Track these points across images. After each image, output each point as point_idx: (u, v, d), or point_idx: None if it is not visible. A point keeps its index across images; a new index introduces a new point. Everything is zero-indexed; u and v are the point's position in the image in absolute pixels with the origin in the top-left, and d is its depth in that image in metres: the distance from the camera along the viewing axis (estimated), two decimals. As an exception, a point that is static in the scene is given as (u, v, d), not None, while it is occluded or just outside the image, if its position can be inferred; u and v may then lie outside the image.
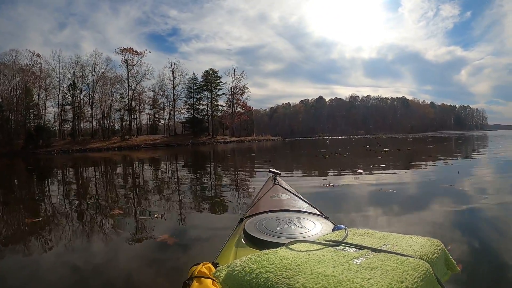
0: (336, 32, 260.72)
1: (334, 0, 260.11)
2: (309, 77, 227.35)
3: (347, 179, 6.33)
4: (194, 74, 58.35)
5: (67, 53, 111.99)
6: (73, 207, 4.71)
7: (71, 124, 46.61)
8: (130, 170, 11.15)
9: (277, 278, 0.75)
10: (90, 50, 50.20)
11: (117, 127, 51.08)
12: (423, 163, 9.45)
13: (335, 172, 7.69)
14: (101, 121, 48.06)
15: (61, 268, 2.38)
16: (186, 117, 57.32)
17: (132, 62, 49.80)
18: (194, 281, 0.86)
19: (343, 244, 0.91)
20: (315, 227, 1.33)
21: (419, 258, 0.80)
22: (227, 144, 43.50)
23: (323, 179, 6.15)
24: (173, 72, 54.53)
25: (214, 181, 7.31)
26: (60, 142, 42.05)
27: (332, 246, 0.91)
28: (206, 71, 59.03)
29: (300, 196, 2.10)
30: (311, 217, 1.49)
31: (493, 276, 2.02)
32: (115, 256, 2.61)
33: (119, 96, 50.12)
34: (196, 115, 56.85)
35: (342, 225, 1.18)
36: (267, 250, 0.89)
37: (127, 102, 50.23)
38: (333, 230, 1.19)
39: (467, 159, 10.68)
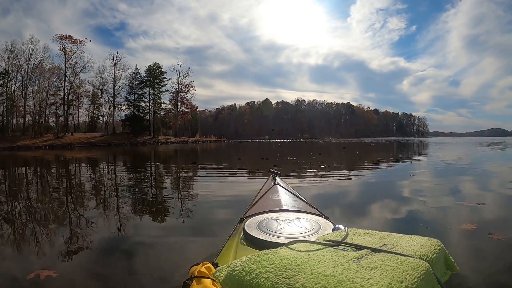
0: (285, 37, 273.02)
1: (285, 6, 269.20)
2: (256, 80, 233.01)
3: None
4: (136, 68, 57.05)
5: (2, 38, 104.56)
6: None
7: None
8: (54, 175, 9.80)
9: (277, 278, 0.77)
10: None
11: (52, 123, 49.31)
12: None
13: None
14: (34, 116, 46.20)
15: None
16: (126, 115, 56.13)
17: (70, 51, 48.11)
18: (194, 281, 0.89)
19: (342, 244, 0.95)
20: (315, 227, 1.40)
21: (419, 258, 0.83)
22: (169, 145, 43.76)
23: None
24: (114, 65, 53.12)
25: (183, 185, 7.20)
26: (-12, 138, 40.09)
27: (332, 246, 0.95)
28: (150, 66, 57.82)
29: (300, 196, 2.21)
30: (311, 217, 1.57)
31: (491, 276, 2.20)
32: (114, 257, 2.71)
33: (54, 89, 48.01)
34: (137, 113, 55.94)
35: (341, 225, 1.25)
36: (267, 250, 0.92)
37: (62, 95, 48.46)
38: (333, 230, 1.25)
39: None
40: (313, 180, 7.35)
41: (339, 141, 59.88)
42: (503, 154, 18.73)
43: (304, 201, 2.08)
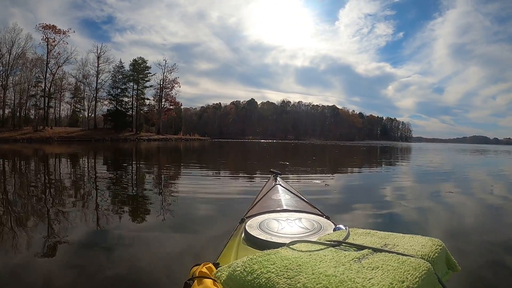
0: (272, 38, 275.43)
1: (274, 7, 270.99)
2: (242, 80, 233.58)
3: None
4: (120, 62, 56.38)
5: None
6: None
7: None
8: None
9: (278, 278, 0.78)
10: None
11: (33, 116, 48.30)
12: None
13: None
14: (14, 108, 45.28)
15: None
16: (108, 110, 55.44)
17: (53, 41, 46.91)
18: (195, 281, 0.91)
19: (344, 244, 0.96)
20: (316, 227, 1.41)
21: (420, 257, 0.84)
22: (151, 142, 43.41)
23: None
24: (98, 57, 52.42)
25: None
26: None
27: (333, 246, 0.96)
28: (135, 60, 57.30)
29: (301, 196, 2.23)
30: (312, 217, 1.58)
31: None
32: (115, 257, 2.71)
33: (34, 80, 46.90)
34: (119, 108, 55.31)
35: (342, 225, 1.27)
36: (268, 250, 0.93)
37: (43, 87, 47.40)
38: (334, 230, 1.27)
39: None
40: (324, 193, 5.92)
41: (327, 144, 58.91)
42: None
43: (305, 201, 2.10)
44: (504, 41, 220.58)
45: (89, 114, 54.54)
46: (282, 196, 2.12)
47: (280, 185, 2.42)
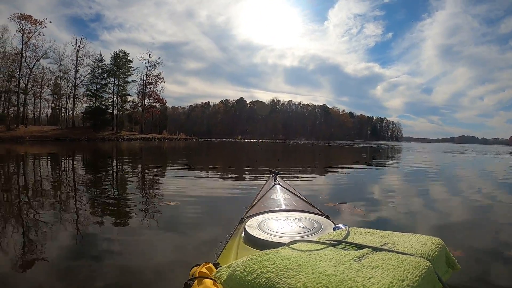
0: (261, 37, 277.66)
1: (263, 6, 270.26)
2: (230, 79, 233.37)
3: None
4: (100, 55, 52.52)
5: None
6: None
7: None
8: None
9: (278, 278, 0.78)
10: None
11: (12, 114, 44.56)
12: None
13: None
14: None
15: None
16: (87, 107, 51.70)
17: (29, 32, 42.92)
18: (196, 281, 0.89)
19: (344, 243, 0.95)
20: (316, 226, 1.39)
21: (420, 256, 0.84)
22: (132, 142, 41.04)
23: None
24: (77, 51, 48.62)
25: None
26: None
27: (333, 245, 0.95)
28: (116, 53, 53.66)
29: (300, 195, 2.19)
30: (311, 216, 1.57)
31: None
32: (115, 257, 2.64)
33: (8, 74, 42.96)
34: (99, 105, 51.84)
35: (342, 224, 1.27)
36: (268, 250, 0.93)
37: (17, 82, 43.55)
38: (334, 229, 1.27)
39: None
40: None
41: (328, 144, 55.26)
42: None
43: (305, 201, 2.08)
44: (492, 43, 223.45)
45: (69, 112, 51.24)
46: (282, 195, 2.11)
47: (280, 184, 2.41)
